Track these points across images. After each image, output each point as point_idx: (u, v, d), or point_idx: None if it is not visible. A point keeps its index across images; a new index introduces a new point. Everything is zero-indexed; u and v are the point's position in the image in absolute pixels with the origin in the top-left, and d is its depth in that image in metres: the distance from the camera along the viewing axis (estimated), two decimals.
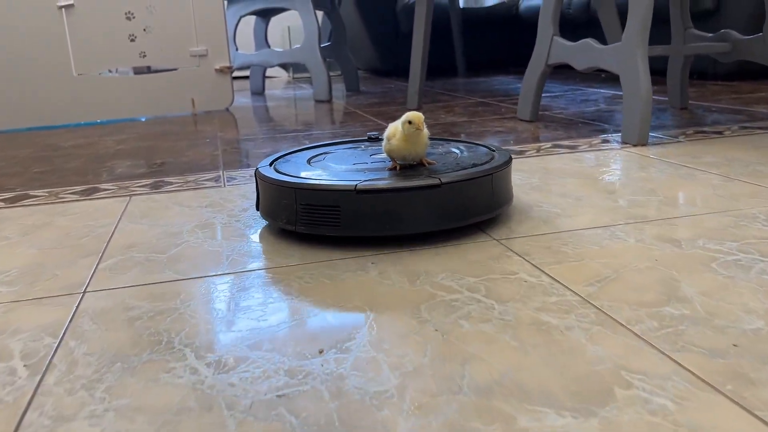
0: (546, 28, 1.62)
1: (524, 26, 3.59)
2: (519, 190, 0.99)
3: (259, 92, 3.03)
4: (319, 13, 2.85)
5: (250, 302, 0.62)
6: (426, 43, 2.04)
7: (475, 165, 0.85)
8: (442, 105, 2.20)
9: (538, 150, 1.31)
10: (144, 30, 2.20)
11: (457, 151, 0.96)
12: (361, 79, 3.56)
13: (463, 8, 3.61)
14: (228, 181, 1.17)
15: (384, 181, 0.78)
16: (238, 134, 1.76)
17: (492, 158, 0.89)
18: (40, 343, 0.56)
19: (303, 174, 0.85)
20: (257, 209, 0.89)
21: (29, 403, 0.46)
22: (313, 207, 0.78)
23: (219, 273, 0.70)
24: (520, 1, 3.63)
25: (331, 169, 0.88)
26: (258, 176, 0.87)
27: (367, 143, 1.06)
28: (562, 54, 1.57)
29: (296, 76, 4.12)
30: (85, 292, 0.67)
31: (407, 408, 0.43)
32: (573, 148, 1.32)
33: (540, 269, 0.67)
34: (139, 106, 2.25)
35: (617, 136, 1.41)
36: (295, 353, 0.51)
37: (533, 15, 3.43)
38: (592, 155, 1.23)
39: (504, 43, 3.75)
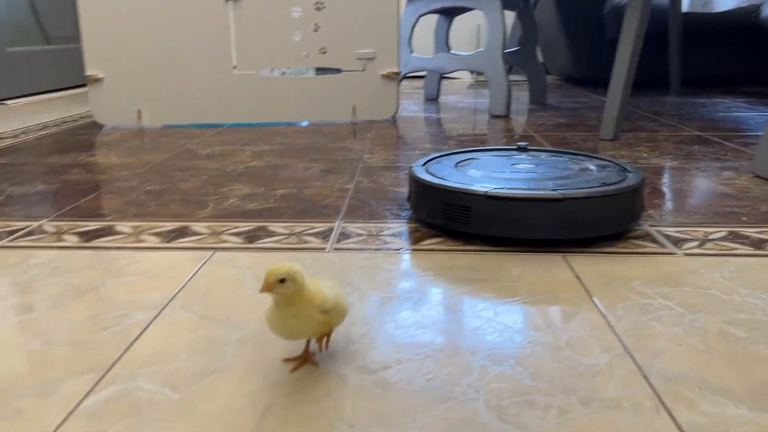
0: None
1: (765, 38, 2.92)
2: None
3: (432, 98, 2.76)
4: (510, 13, 2.50)
5: None
6: (633, 61, 1.62)
7: (604, 184, 0.91)
8: (644, 137, 1.75)
9: None
10: (311, 28, 2.03)
11: (593, 168, 1.02)
12: (550, 87, 3.14)
13: (687, 13, 3.02)
14: (339, 240, 0.91)
15: (513, 190, 0.87)
16: (385, 158, 1.50)
17: (624, 179, 0.94)
18: None
19: (447, 176, 0.96)
20: (408, 201, 1.03)
21: None
22: (450, 206, 0.90)
23: None
24: (762, 7, 2.95)
25: (472, 175, 0.99)
26: (411, 175, 0.99)
27: (514, 152, 1.14)
28: None
29: (479, 79, 3.80)
30: None
31: None
32: None
33: None
34: (299, 109, 2.08)
35: None
36: None
37: None
38: None
39: (736, 58, 3.08)
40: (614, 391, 0.52)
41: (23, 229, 0.97)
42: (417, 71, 2.53)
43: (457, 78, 3.90)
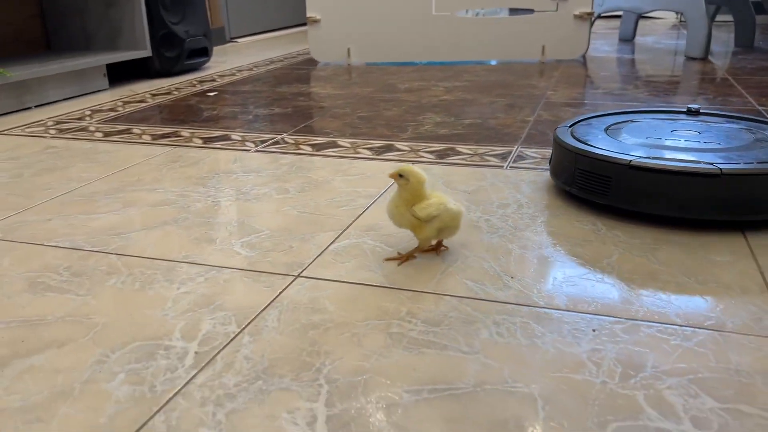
0: None
1: None
2: None
3: (627, 39, 2.72)
4: None
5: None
6: None
7: None
8: None
9: None
10: None
11: None
12: (760, 29, 2.91)
13: None
14: (515, 160, 1.07)
15: (663, 161, 0.78)
16: (568, 95, 1.60)
17: None
18: (222, 330, 0.58)
19: (591, 141, 0.88)
20: (549, 164, 0.97)
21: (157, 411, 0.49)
22: (588, 173, 0.83)
23: (425, 290, 0.65)
24: None
25: (621, 141, 0.89)
26: (554, 137, 0.93)
27: (680, 116, 1.03)
28: None
29: (684, 20, 3.58)
30: (298, 276, 0.68)
31: None
32: None
33: None
34: (490, 49, 2.22)
35: None
36: None
37: None
38: None
39: None
40: (729, 278, 0.65)
41: (270, 139, 1.26)
42: (612, 11, 2.52)
43: (659, 18, 3.72)
